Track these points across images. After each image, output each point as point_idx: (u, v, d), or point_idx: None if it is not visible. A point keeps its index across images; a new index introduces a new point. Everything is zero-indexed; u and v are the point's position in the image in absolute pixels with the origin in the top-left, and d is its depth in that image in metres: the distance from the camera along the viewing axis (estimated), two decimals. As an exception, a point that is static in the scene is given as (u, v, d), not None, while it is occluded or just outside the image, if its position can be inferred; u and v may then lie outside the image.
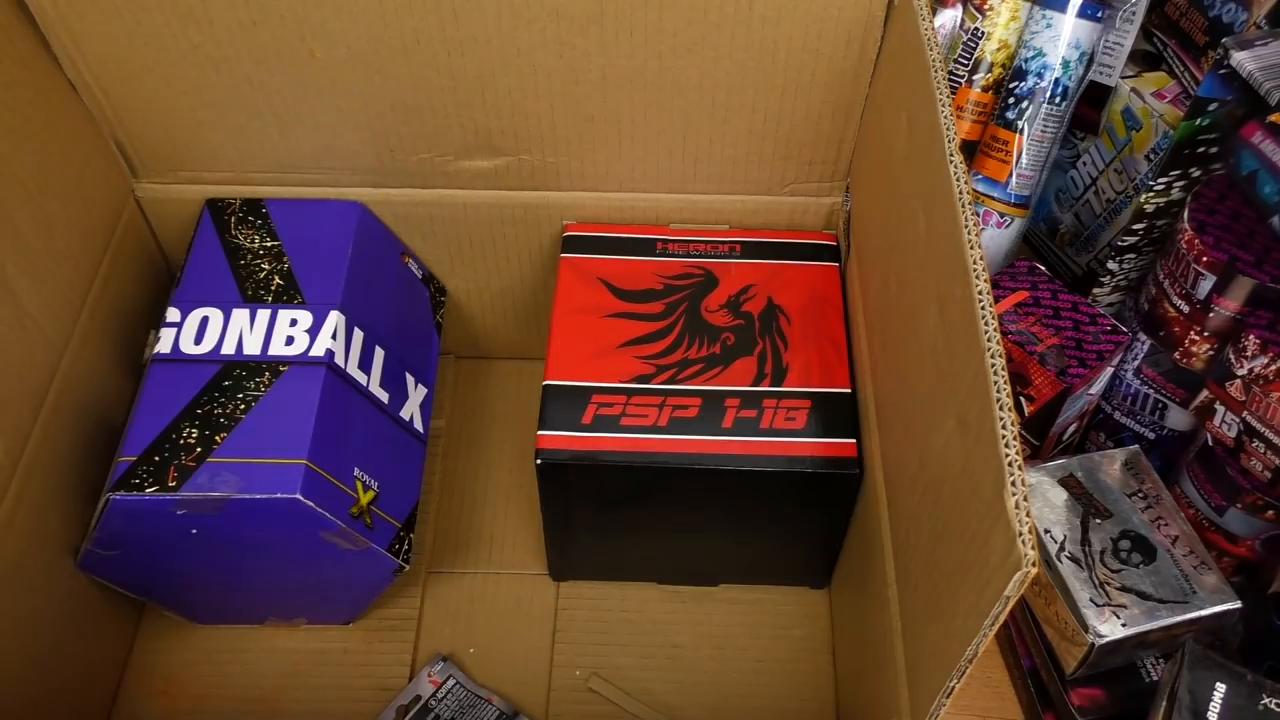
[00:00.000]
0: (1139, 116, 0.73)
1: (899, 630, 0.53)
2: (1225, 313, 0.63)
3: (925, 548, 0.48)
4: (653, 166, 0.69)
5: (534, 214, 0.73)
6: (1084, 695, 0.64)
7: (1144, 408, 0.72)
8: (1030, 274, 0.72)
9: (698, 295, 0.69)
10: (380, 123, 0.66)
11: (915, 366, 0.52)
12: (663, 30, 0.61)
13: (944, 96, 0.50)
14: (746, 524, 0.67)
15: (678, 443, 0.61)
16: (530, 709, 0.69)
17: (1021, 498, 0.37)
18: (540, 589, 0.75)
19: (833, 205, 0.72)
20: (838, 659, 0.71)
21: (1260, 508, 0.63)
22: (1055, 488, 0.67)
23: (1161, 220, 0.71)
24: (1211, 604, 0.61)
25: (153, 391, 0.61)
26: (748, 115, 0.66)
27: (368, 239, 0.71)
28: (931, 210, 0.50)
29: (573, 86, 0.64)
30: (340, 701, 0.69)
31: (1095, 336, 0.69)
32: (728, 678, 0.71)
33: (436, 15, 0.60)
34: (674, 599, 0.74)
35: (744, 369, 0.65)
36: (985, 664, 0.71)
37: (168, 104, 0.65)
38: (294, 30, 0.61)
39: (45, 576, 0.60)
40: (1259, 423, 0.61)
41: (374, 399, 0.66)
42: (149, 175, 0.71)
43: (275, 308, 0.65)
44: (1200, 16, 0.69)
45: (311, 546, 0.60)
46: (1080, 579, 0.62)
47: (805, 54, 0.62)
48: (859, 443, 0.62)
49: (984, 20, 0.72)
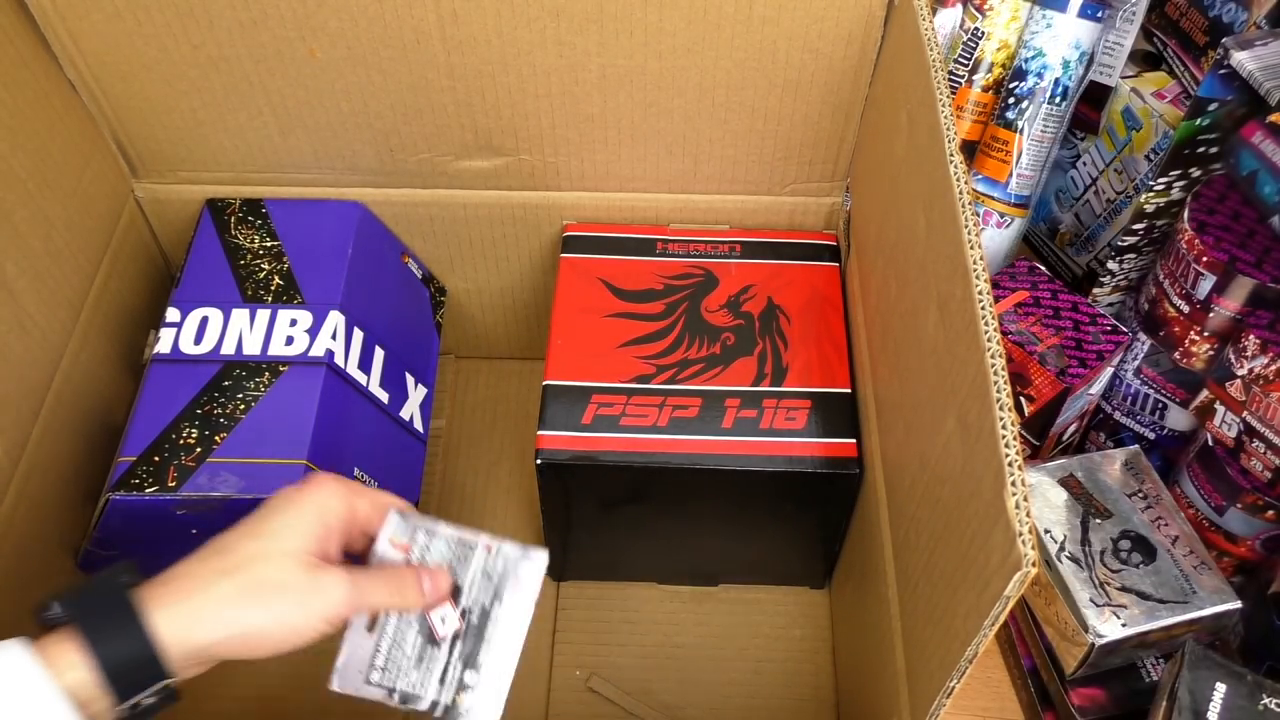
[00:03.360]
0: (1139, 116, 0.73)
1: (899, 630, 0.53)
2: (1225, 313, 0.63)
3: (925, 548, 0.48)
4: (653, 166, 0.69)
5: (534, 214, 0.73)
6: (1084, 695, 0.64)
7: (1144, 408, 0.72)
8: (1030, 274, 0.72)
9: (698, 295, 0.69)
10: (380, 123, 0.66)
11: (915, 366, 0.52)
12: (663, 30, 0.61)
13: (944, 96, 0.50)
14: (746, 524, 0.67)
15: (678, 443, 0.61)
16: (530, 709, 0.69)
17: (1021, 498, 0.37)
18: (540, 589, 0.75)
19: (833, 205, 0.72)
20: (838, 659, 0.71)
21: (1260, 508, 0.63)
22: (1055, 488, 0.67)
23: (1161, 220, 0.71)
24: (1211, 604, 0.61)
25: (153, 391, 0.61)
26: (748, 115, 0.66)
27: (368, 239, 0.71)
28: (931, 210, 0.50)
29: (572, 86, 0.64)
30: (340, 701, 0.69)
31: (1095, 336, 0.69)
32: (728, 678, 0.71)
33: (436, 15, 0.60)
34: (674, 599, 0.74)
35: (744, 369, 0.65)
36: (985, 664, 0.71)
37: (168, 104, 0.65)
38: (294, 30, 0.61)
39: (45, 576, 0.60)
40: (1259, 423, 0.61)
41: (374, 399, 0.66)
42: (149, 175, 0.71)
43: (275, 308, 0.65)
44: (1200, 16, 0.69)
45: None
46: (1080, 579, 0.62)
47: (805, 54, 0.62)
48: (859, 443, 0.62)
49: (984, 20, 0.72)
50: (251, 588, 0.43)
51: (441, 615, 0.49)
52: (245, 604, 0.43)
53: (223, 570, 0.43)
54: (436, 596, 0.48)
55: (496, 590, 0.49)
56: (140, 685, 0.41)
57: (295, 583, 0.44)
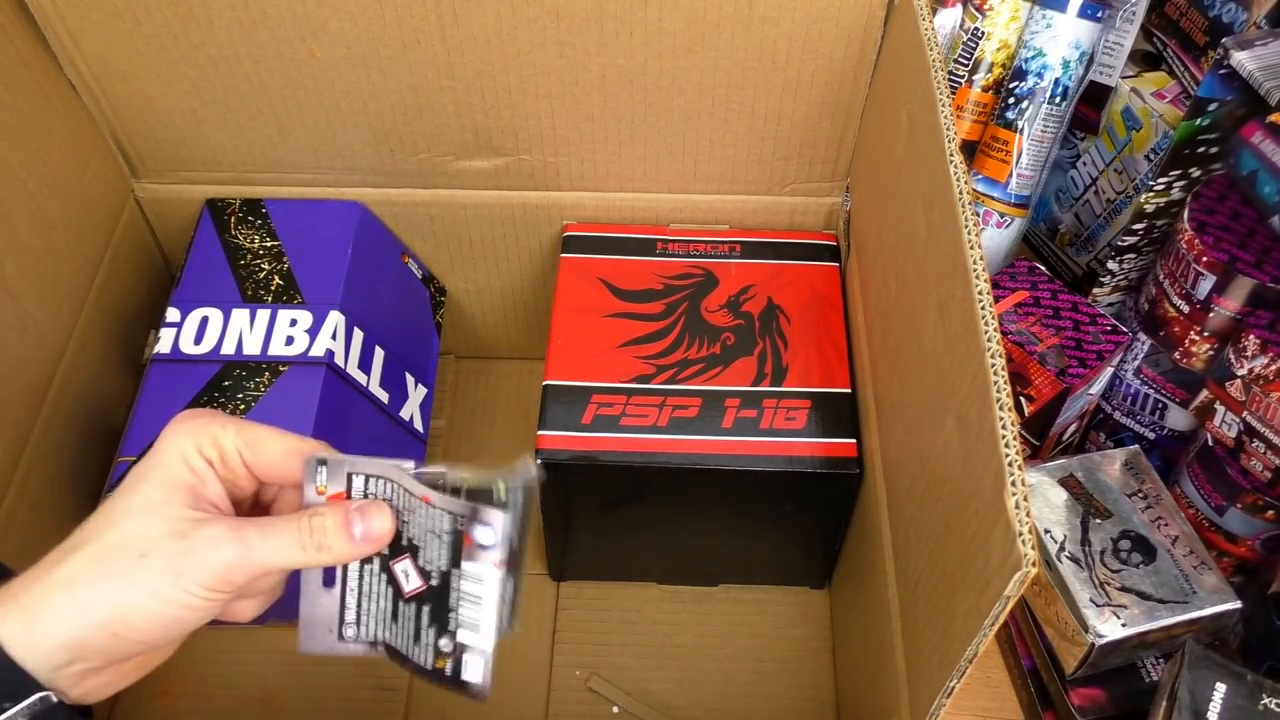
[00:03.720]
0: (1139, 116, 0.72)
1: (899, 630, 0.53)
2: (1225, 313, 0.63)
3: (925, 548, 0.48)
4: (653, 166, 0.69)
5: (534, 214, 0.73)
6: (1084, 695, 0.64)
7: (1144, 408, 0.72)
8: (1030, 274, 0.72)
9: (698, 295, 0.69)
10: (380, 123, 0.66)
11: (915, 366, 0.52)
12: (663, 30, 0.61)
13: (944, 96, 0.50)
14: (746, 524, 0.67)
15: (678, 443, 0.61)
16: (530, 709, 0.69)
17: (1021, 498, 0.37)
18: (540, 589, 0.75)
19: (833, 205, 0.72)
20: (838, 659, 0.71)
21: (1260, 508, 0.63)
22: (1055, 488, 0.67)
23: (1161, 220, 0.71)
24: (1211, 604, 0.61)
25: (153, 391, 0.61)
26: (748, 115, 0.66)
27: (368, 239, 0.71)
28: (931, 210, 0.50)
29: (572, 86, 0.64)
30: (340, 701, 0.69)
31: (1095, 336, 0.69)
32: (728, 678, 0.71)
33: (436, 15, 0.60)
34: (674, 599, 0.74)
35: (744, 369, 0.65)
36: (985, 664, 0.71)
37: (168, 104, 0.65)
38: (294, 30, 0.61)
39: (45, 576, 0.60)
40: (1259, 423, 0.61)
41: (374, 399, 0.66)
42: (149, 175, 0.71)
43: (275, 308, 0.65)
44: (1200, 16, 0.69)
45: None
46: (1080, 579, 0.62)
47: (805, 54, 0.62)
48: (859, 443, 0.62)
49: (984, 20, 0.72)
50: (102, 560, 0.35)
51: (403, 569, 0.41)
52: (97, 581, 0.35)
53: (71, 547, 0.36)
54: (372, 540, 0.39)
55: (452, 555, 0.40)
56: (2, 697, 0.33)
57: (157, 543, 0.35)
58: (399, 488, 0.40)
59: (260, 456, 0.39)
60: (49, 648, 0.34)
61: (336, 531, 0.38)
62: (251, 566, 0.37)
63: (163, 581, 0.35)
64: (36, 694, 0.33)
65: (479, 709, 0.70)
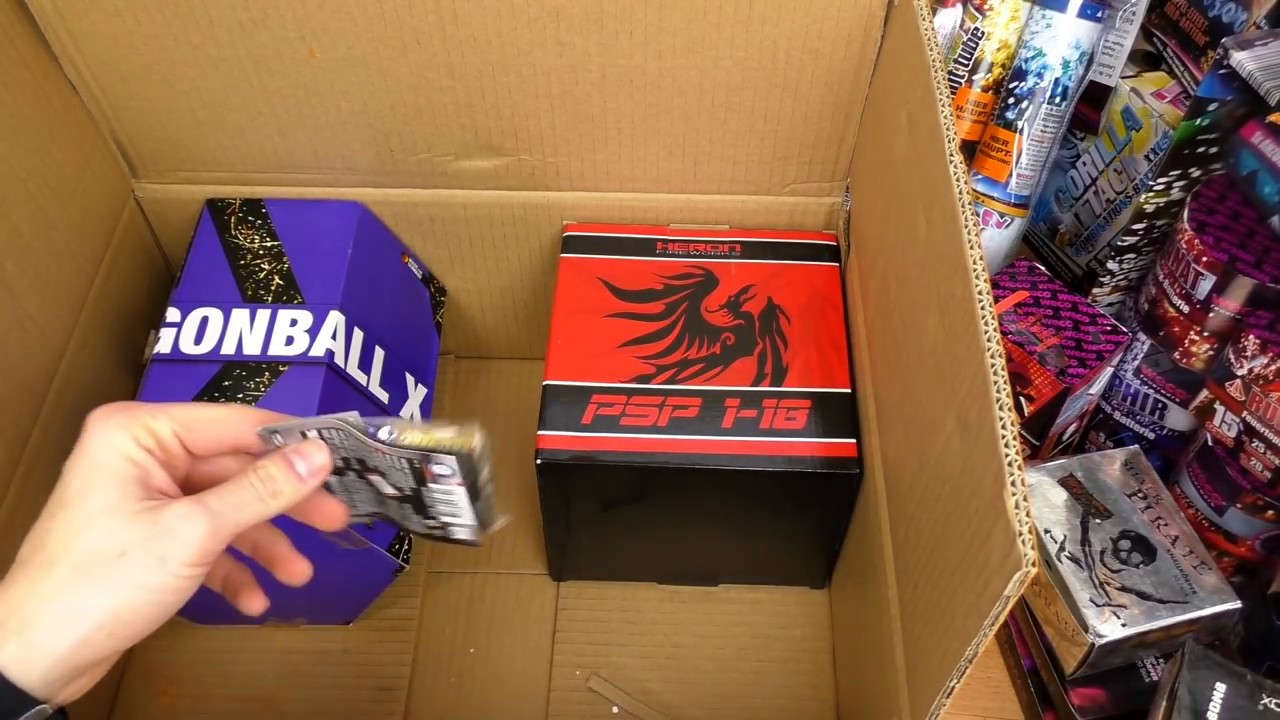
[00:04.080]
0: (1139, 116, 0.73)
1: (899, 630, 0.53)
2: (1225, 313, 0.63)
3: (925, 548, 0.48)
4: (653, 166, 0.69)
5: (534, 214, 0.73)
6: (1084, 695, 0.64)
7: (1144, 408, 0.72)
8: (1030, 274, 0.72)
9: (698, 295, 0.69)
10: (380, 123, 0.66)
11: (915, 366, 0.52)
12: (662, 30, 0.61)
13: (944, 96, 0.50)
14: (746, 524, 0.67)
15: (678, 443, 0.61)
16: (530, 709, 0.69)
17: (1021, 498, 0.37)
18: (540, 589, 0.75)
19: (833, 205, 0.72)
20: (838, 659, 0.71)
21: (1260, 508, 0.63)
22: (1055, 488, 0.67)
23: (1161, 220, 0.71)
24: (1211, 604, 0.61)
25: (153, 391, 0.61)
26: (748, 115, 0.66)
27: (368, 239, 0.71)
28: (931, 210, 0.50)
29: (572, 86, 0.64)
30: (340, 701, 0.69)
31: (1095, 336, 0.69)
32: (728, 678, 0.71)
33: (436, 15, 0.60)
34: (674, 599, 0.74)
35: (744, 369, 0.65)
36: (985, 664, 0.71)
37: (168, 104, 0.65)
38: (294, 30, 0.61)
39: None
40: (1259, 423, 0.61)
41: (374, 399, 0.66)
42: (149, 175, 0.71)
43: (275, 308, 0.65)
44: (1200, 16, 0.69)
45: (311, 546, 0.60)
46: (1080, 579, 0.62)
47: (805, 54, 0.62)
48: (859, 443, 0.62)
49: (984, 20, 0.72)
50: (83, 570, 0.36)
51: (378, 481, 0.43)
52: (85, 589, 0.36)
53: (45, 564, 0.36)
54: (316, 472, 0.41)
55: (416, 481, 0.43)
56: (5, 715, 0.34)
57: (132, 538, 0.36)
58: (351, 436, 0.42)
59: (198, 434, 0.41)
60: (46, 665, 0.36)
61: (284, 475, 0.40)
62: (223, 531, 0.38)
63: (149, 573, 0.37)
64: (34, 708, 0.35)
65: (479, 709, 0.70)
